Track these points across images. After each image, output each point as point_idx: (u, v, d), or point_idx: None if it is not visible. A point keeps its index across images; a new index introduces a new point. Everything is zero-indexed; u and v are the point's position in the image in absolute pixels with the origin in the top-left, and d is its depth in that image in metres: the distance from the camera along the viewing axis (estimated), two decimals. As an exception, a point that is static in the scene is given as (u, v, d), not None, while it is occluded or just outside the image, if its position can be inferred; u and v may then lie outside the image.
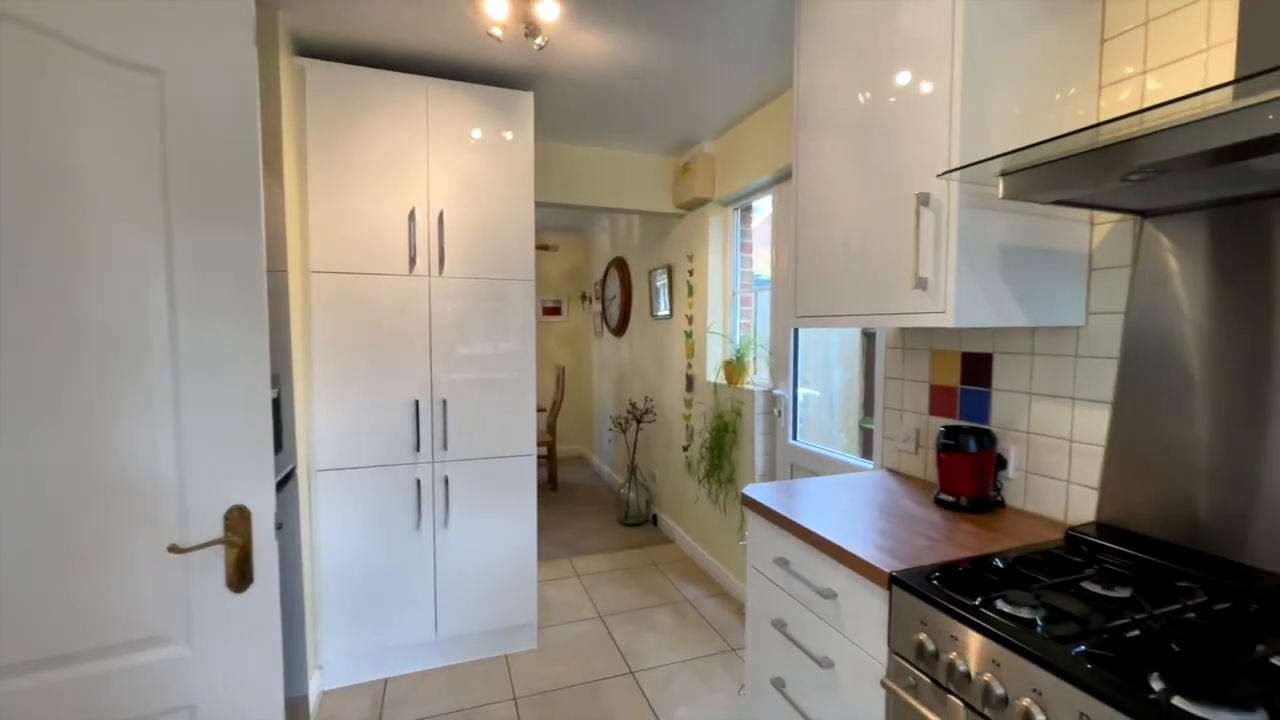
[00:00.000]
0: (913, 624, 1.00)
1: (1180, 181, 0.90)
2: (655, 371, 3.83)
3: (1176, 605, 0.92)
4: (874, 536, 1.22)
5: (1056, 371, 1.31)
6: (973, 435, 1.39)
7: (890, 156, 1.26)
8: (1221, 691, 0.68)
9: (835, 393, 2.62)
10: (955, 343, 1.57)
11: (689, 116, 2.65)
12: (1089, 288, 1.24)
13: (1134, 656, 0.78)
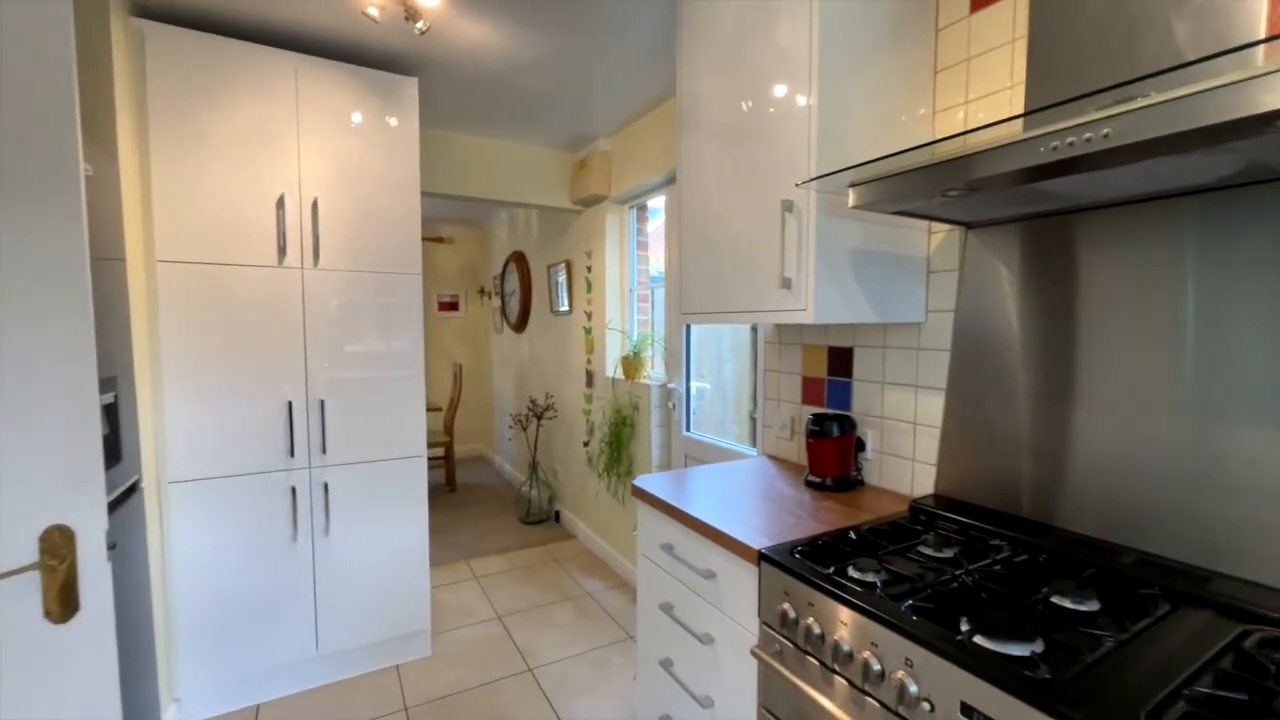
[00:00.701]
0: (778, 595, 1.09)
1: (988, 198, 1.05)
2: (556, 368, 3.82)
3: (988, 560, 1.08)
4: (749, 518, 1.31)
5: (903, 362, 1.48)
6: (836, 421, 1.53)
7: (760, 164, 1.36)
8: (1011, 628, 0.81)
9: (728, 385, 2.76)
10: (822, 338, 1.72)
11: (585, 113, 2.67)
12: (928, 289, 1.42)
13: (950, 606, 0.91)
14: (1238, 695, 0.69)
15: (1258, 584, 0.90)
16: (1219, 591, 0.90)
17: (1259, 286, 0.90)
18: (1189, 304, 0.97)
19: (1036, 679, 0.72)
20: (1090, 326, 1.11)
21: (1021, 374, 1.22)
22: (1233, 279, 0.93)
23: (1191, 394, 0.97)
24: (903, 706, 0.85)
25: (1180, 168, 0.83)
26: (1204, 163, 0.82)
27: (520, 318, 4.35)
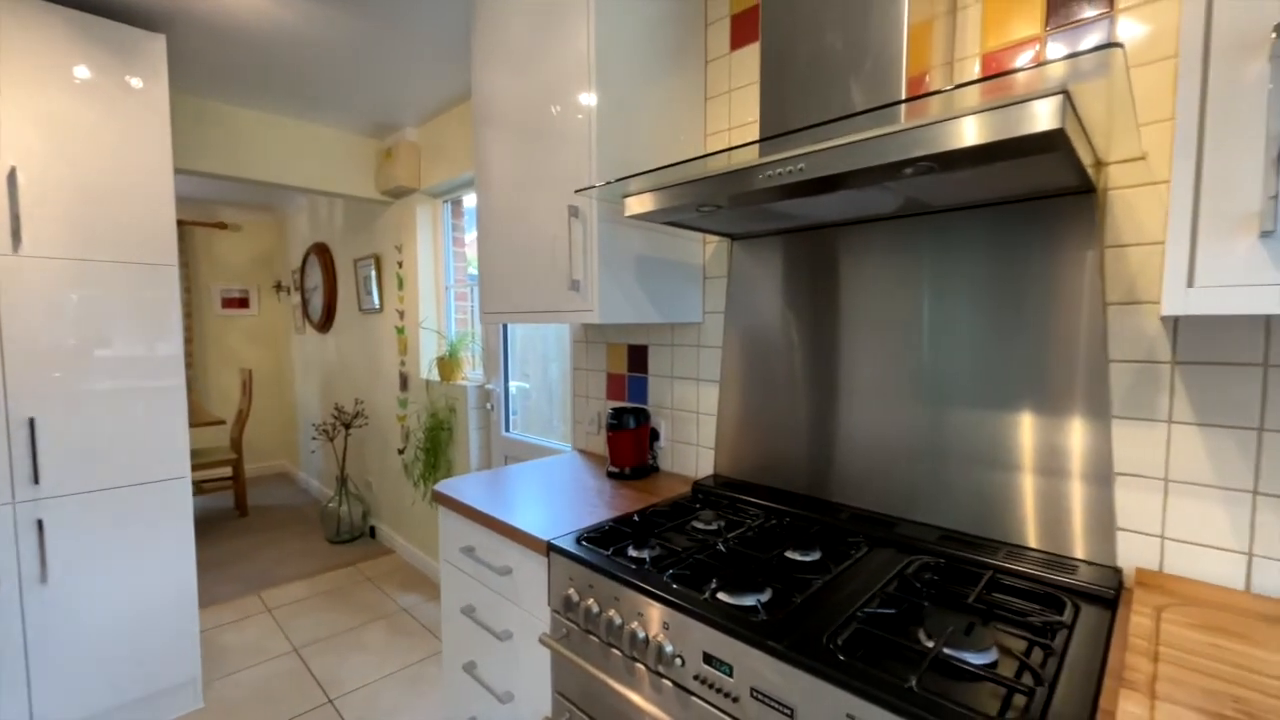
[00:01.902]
0: (564, 582, 1.14)
1: (742, 214, 1.21)
2: (366, 371, 3.52)
3: (743, 529, 1.24)
4: (548, 511, 1.35)
5: (687, 358, 1.64)
6: (632, 414, 1.64)
7: (551, 168, 1.40)
8: (745, 582, 0.95)
9: (555, 384, 2.79)
10: (623, 336, 1.83)
11: (388, 99, 2.50)
12: (704, 292, 1.58)
13: (706, 571, 1.04)
14: (889, 610, 0.89)
15: (932, 525, 1.17)
16: (902, 534, 1.15)
17: (966, 294, 1.17)
18: (925, 306, 1.20)
19: (756, 622, 0.85)
20: (844, 324, 1.33)
21: (782, 367, 1.43)
22: (953, 288, 1.18)
23: (925, 382, 1.22)
24: (662, 665, 0.95)
25: (863, 199, 1.05)
26: (878, 197, 1.03)
27: (325, 316, 3.93)
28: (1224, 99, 0.57)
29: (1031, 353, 1.04)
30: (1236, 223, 0.56)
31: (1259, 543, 0.85)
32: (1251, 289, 0.57)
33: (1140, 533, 0.95)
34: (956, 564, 1.04)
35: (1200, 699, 0.64)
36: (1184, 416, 0.90)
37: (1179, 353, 0.90)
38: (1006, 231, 1.06)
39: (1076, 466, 1.00)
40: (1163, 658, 0.72)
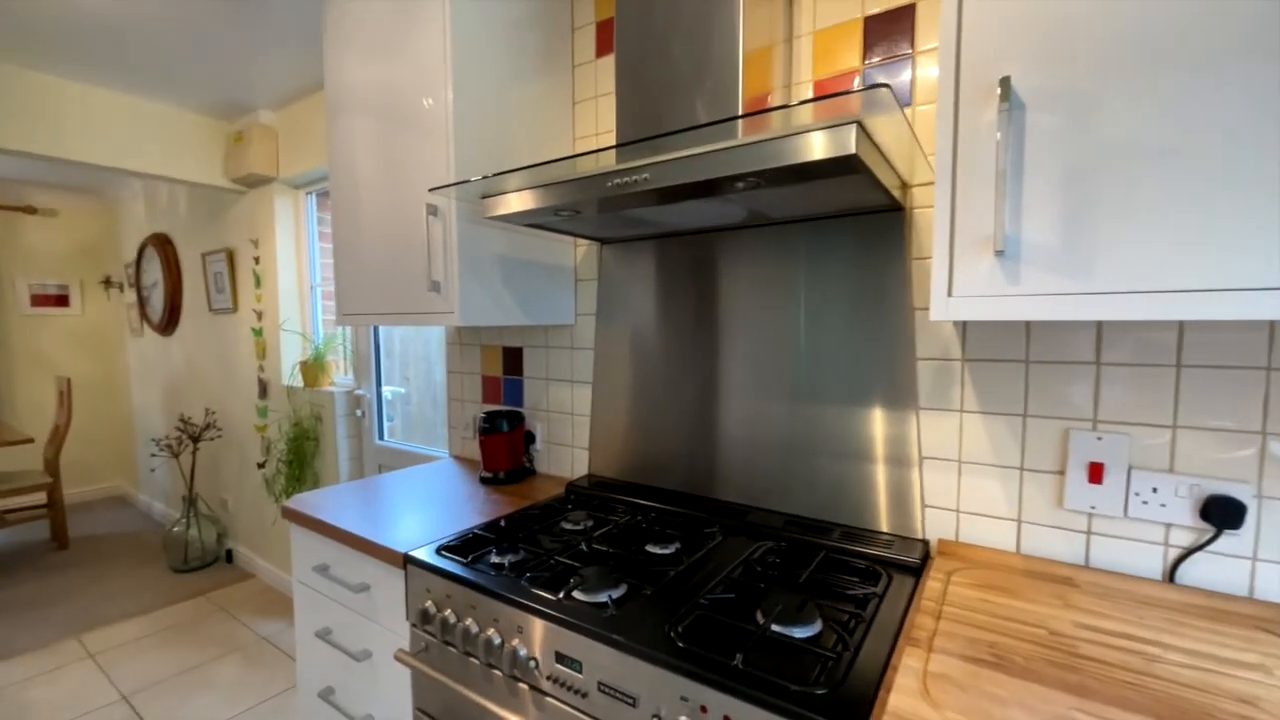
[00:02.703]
0: (422, 594, 1.11)
1: (605, 219, 1.23)
2: (219, 377, 3.17)
3: (609, 527, 1.27)
4: (413, 521, 1.30)
5: (562, 360, 1.64)
6: (505, 418, 1.62)
7: (410, 164, 1.35)
8: (601, 580, 0.97)
9: (439, 388, 2.67)
10: (497, 338, 1.80)
11: (235, 75, 2.26)
12: (576, 295, 1.60)
13: (566, 572, 1.05)
14: (730, 595, 0.95)
15: (781, 512, 1.26)
16: (754, 522, 1.23)
17: (807, 299, 1.26)
18: (773, 310, 1.28)
19: (605, 618, 0.88)
20: (703, 326, 1.39)
21: (649, 367, 1.47)
22: (796, 293, 1.27)
23: (773, 380, 1.31)
24: (517, 670, 0.95)
25: (711, 209, 1.11)
26: (723, 208, 1.10)
27: (167, 316, 3.48)
28: (969, 138, 0.67)
29: (861, 353, 1.16)
30: (980, 243, 0.67)
31: (1026, 510, 1.01)
32: (992, 298, 0.68)
33: (942, 508, 1.09)
34: (797, 547, 1.14)
35: (965, 647, 0.75)
36: (971, 406, 1.05)
37: (967, 351, 1.05)
38: (838, 242, 1.18)
39: (895, 452, 1.13)
40: (945, 615, 0.83)
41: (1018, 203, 0.66)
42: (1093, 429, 0.95)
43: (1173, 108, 0.60)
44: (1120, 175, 0.61)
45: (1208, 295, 0.60)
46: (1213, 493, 0.86)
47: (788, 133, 0.78)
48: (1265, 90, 0.56)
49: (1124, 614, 0.83)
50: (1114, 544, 0.94)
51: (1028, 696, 0.65)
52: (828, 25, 1.15)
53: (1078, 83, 0.62)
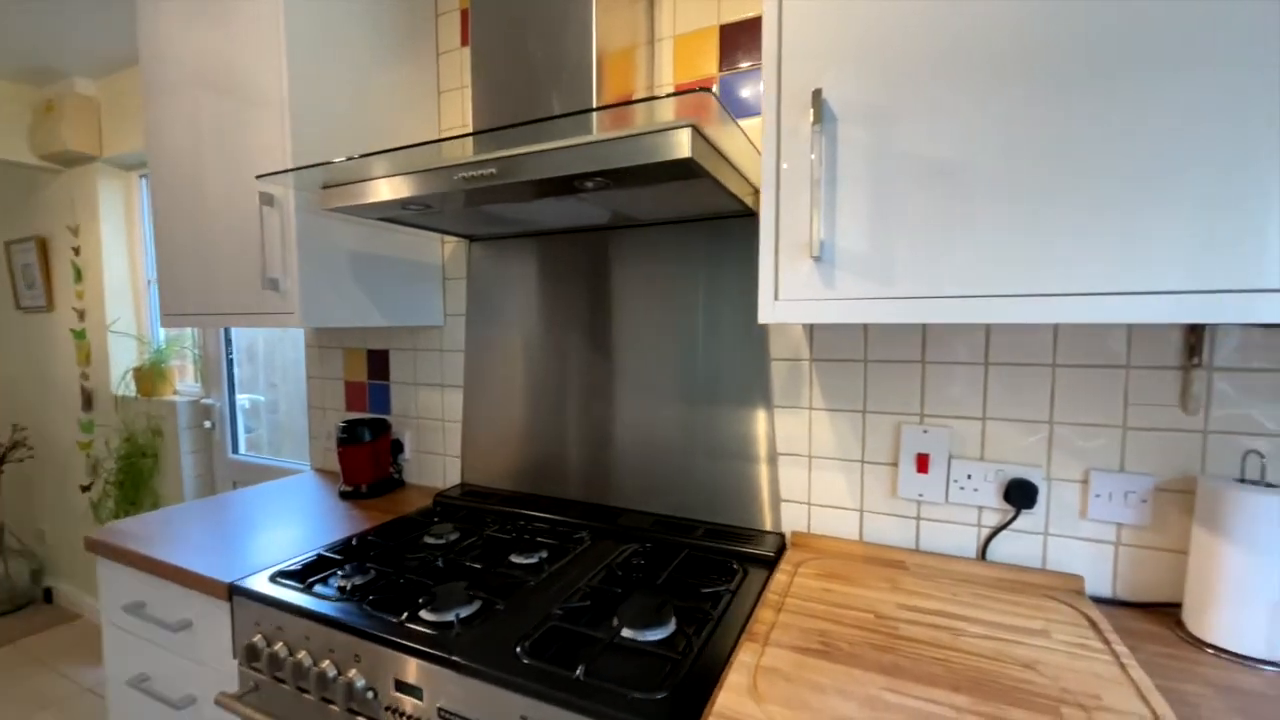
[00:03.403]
0: (250, 628, 0.99)
1: (462, 215, 1.17)
2: (32, 387, 2.71)
3: (475, 538, 1.21)
4: (253, 545, 1.16)
5: (431, 363, 1.55)
6: (367, 426, 1.50)
7: (240, 148, 1.21)
8: (453, 598, 0.92)
9: (311, 394, 2.44)
10: (360, 341, 1.67)
11: (42, 34, 1.93)
12: (445, 294, 1.52)
13: (416, 591, 0.98)
14: (585, 603, 0.93)
15: (650, 513, 1.26)
16: (624, 524, 1.22)
17: (675, 301, 1.26)
18: (641, 311, 1.27)
19: (449, 639, 0.83)
20: (575, 327, 1.36)
21: (522, 370, 1.42)
22: (664, 294, 1.26)
23: (643, 381, 1.29)
24: (354, 702, 0.87)
25: (573, 208, 1.08)
26: (584, 207, 1.08)
27: (-39, 316, 2.92)
28: (790, 148, 0.70)
29: (721, 354, 1.19)
30: (801, 249, 0.70)
31: (867, 500, 1.08)
32: (812, 302, 0.71)
33: (796, 501, 1.14)
34: (662, 547, 1.14)
35: (799, 638, 0.78)
36: (819, 404, 1.10)
37: (814, 352, 1.10)
38: (699, 246, 1.19)
39: (753, 450, 1.17)
40: (786, 607, 0.86)
41: (832, 211, 0.69)
42: (920, 423, 1.03)
43: (957, 124, 0.65)
44: (914, 187, 0.66)
45: (997, 300, 0.66)
46: (1013, 477, 0.96)
47: (625, 134, 0.78)
48: (1045, 109, 0.62)
49: (942, 592, 0.91)
50: (938, 527, 1.03)
51: (846, 682, 0.68)
52: (687, 31, 1.17)
53: (879, 98, 0.67)
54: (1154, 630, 0.84)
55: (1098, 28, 0.60)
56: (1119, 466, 0.91)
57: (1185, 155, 0.58)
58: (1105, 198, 0.60)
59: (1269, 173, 0.55)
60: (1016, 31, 0.62)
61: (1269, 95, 0.54)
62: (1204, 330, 0.85)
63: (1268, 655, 0.75)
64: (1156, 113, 0.58)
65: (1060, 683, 0.68)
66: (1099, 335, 0.91)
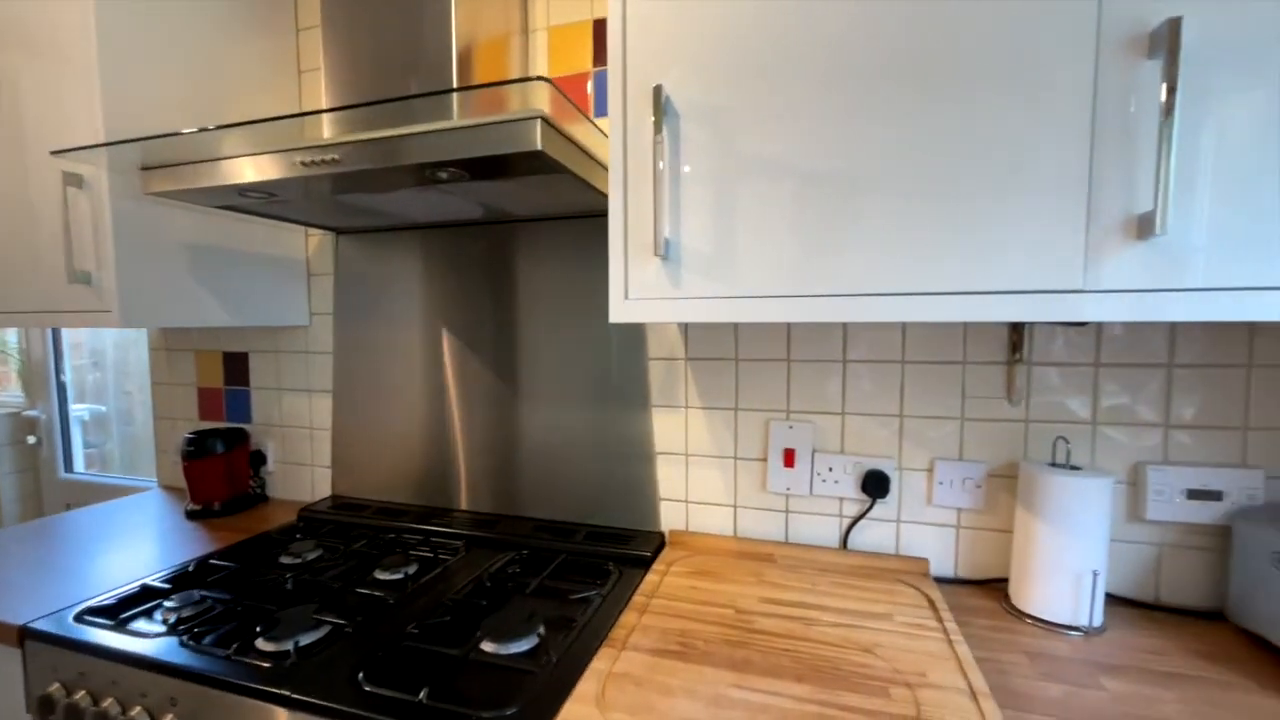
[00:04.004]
0: (46, 676, 0.85)
1: (317, 205, 1.08)
2: None
3: (339, 554, 1.12)
4: (66, 578, 1.00)
5: (296, 367, 1.43)
6: (220, 437, 1.36)
7: (36, 119, 1.04)
8: (294, 624, 0.83)
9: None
10: (214, 342, 1.51)
11: None
12: (310, 291, 1.40)
13: (257, 617, 0.88)
14: (445, 618, 0.88)
15: (531, 518, 1.22)
16: (503, 531, 1.17)
17: (555, 300, 1.21)
18: (520, 311, 1.22)
19: (284, 669, 0.75)
20: (454, 328, 1.28)
21: (397, 373, 1.33)
22: (544, 293, 1.22)
23: (527, 384, 1.24)
24: (171, 752, 0.77)
25: (438, 200, 1.03)
26: (453, 201, 1.03)
27: None
28: (636, 145, 0.69)
29: (600, 354, 1.17)
30: (648, 248, 0.69)
31: (740, 496, 1.10)
32: (661, 301, 0.70)
33: (675, 500, 1.14)
34: (539, 554, 1.11)
35: (657, 640, 0.77)
36: (695, 402, 1.11)
37: (689, 351, 1.11)
38: (576, 243, 1.17)
39: (633, 450, 1.16)
40: (650, 609, 0.86)
41: (677, 210, 0.69)
42: (786, 419, 1.06)
43: (797, 126, 0.66)
44: (757, 187, 0.67)
45: (837, 300, 0.68)
46: (869, 468, 1.02)
47: (474, 123, 0.74)
48: (880, 114, 0.64)
49: (803, 583, 0.94)
50: (805, 519, 1.07)
51: (696, 681, 0.68)
52: (562, 23, 1.14)
53: (721, 98, 0.67)
54: (985, 605, 0.91)
55: (921, 41, 0.63)
56: (958, 455, 0.99)
57: (1006, 163, 0.62)
58: (942, 201, 0.63)
59: (1080, 183, 0.60)
60: (851, 39, 0.65)
61: (1078, 116, 0.59)
62: (1025, 328, 0.93)
63: (1073, 621, 0.83)
64: (982, 124, 0.62)
65: (894, 664, 0.71)
66: (941, 333, 0.98)
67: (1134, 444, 0.91)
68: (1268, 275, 0.54)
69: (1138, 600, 0.91)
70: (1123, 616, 0.87)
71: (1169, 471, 0.88)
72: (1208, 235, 0.55)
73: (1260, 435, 0.86)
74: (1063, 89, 0.57)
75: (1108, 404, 0.92)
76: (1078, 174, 0.57)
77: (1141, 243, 0.56)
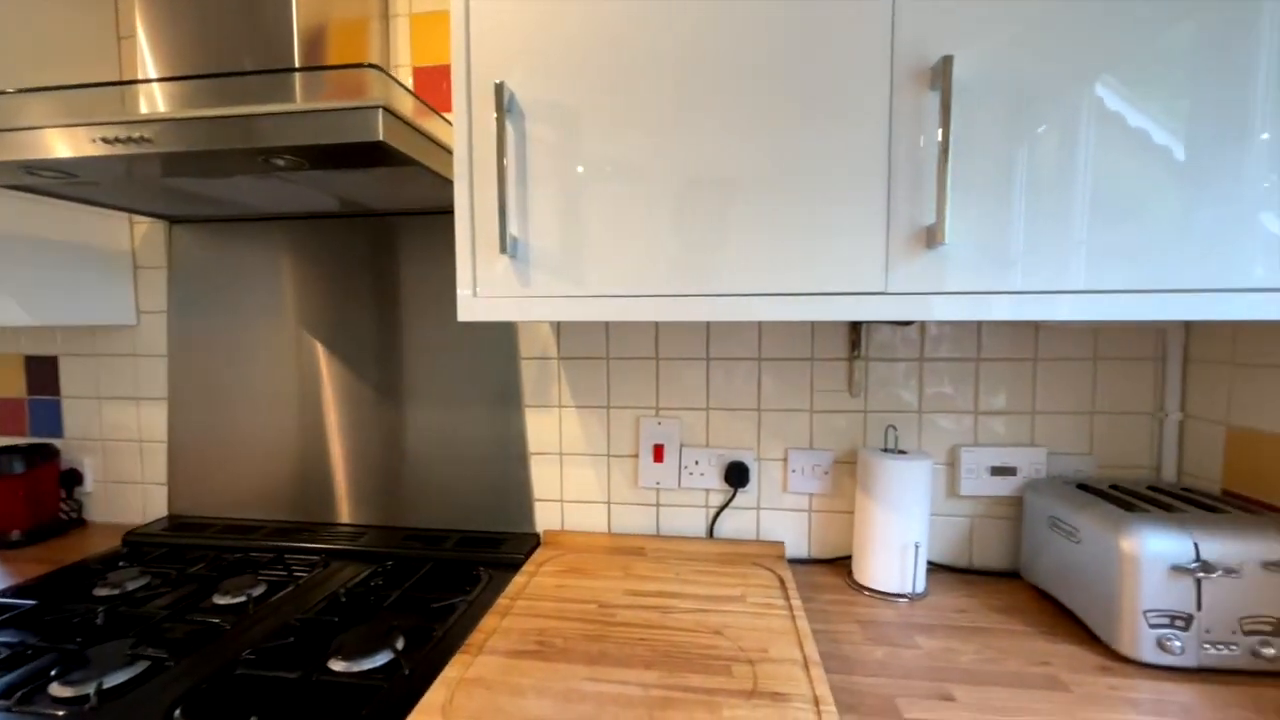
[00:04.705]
0: None
1: (140, 190, 0.96)
2: None
3: (169, 581, 1.00)
4: None
5: (122, 372, 1.26)
6: (19, 455, 1.17)
7: None
8: (110, 656, 0.74)
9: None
10: (14, 344, 1.29)
11: None
12: (137, 287, 1.24)
13: (57, 658, 0.77)
14: (288, 640, 0.82)
15: (401, 527, 1.17)
16: (368, 544, 1.11)
17: (423, 297, 1.15)
18: (383, 309, 1.15)
19: (77, 716, 0.66)
20: (307, 326, 1.18)
21: (243, 377, 1.21)
22: (409, 290, 1.15)
23: (392, 386, 1.17)
24: (-71, 829, 0.65)
25: (286, 190, 0.95)
26: (303, 192, 0.95)
27: None
28: (482, 141, 0.68)
29: (472, 354, 1.14)
30: (494, 245, 0.69)
31: (614, 493, 1.12)
32: (511, 299, 0.70)
33: (549, 500, 1.14)
34: (406, 564, 1.06)
35: (516, 642, 0.76)
36: (568, 401, 1.12)
37: (561, 350, 1.11)
38: (442, 239, 1.13)
39: (508, 451, 1.14)
40: (514, 610, 0.85)
41: (524, 208, 0.69)
42: (655, 415, 1.09)
43: (642, 132, 0.69)
44: (605, 189, 0.68)
45: (687, 300, 0.71)
46: (731, 460, 1.07)
47: (309, 108, 0.69)
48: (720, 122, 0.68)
49: (668, 573, 0.97)
50: (674, 512, 1.11)
51: (550, 679, 0.69)
52: (424, 10, 1.10)
53: (568, 99, 0.68)
54: (831, 581, 1.00)
55: (758, 58, 0.66)
56: (809, 444, 1.07)
57: (831, 175, 0.67)
58: (785, 208, 0.67)
59: (882, 196, 0.66)
60: (695, 51, 0.67)
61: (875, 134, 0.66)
62: (862, 327, 1.03)
63: (900, 590, 0.93)
64: (812, 139, 0.66)
65: (740, 642, 0.76)
66: (793, 331, 1.06)
67: (954, 429, 1.04)
68: (1012, 281, 0.63)
69: (955, 566, 1.04)
70: (942, 581, 0.99)
71: (978, 452, 1.01)
72: (972, 247, 0.63)
73: (1044, 418, 1.01)
74: (868, 110, 0.64)
75: (931, 394, 1.04)
76: (880, 187, 0.64)
77: (930, 251, 0.63)
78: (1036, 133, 0.62)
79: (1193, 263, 0.62)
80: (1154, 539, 0.74)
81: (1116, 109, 0.61)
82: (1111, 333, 0.99)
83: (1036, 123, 0.62)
